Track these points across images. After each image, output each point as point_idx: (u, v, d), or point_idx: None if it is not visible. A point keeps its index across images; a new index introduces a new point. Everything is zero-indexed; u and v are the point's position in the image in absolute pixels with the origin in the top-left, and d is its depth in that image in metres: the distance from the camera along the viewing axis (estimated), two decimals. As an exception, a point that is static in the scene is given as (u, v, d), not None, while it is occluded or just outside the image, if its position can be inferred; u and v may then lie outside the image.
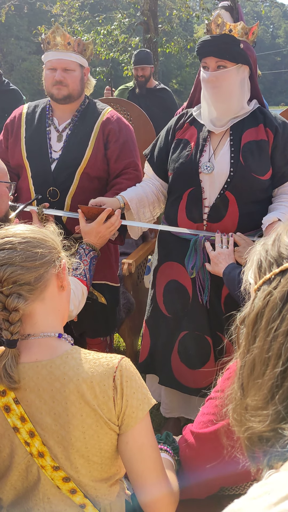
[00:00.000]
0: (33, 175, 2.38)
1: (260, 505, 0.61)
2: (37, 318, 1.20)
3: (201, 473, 1.25)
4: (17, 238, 1.18)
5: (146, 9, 9.15)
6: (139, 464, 1.16)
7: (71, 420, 1.12)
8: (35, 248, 1.18)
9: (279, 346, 0.71)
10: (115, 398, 1.14)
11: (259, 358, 0.74)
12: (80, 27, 10.80)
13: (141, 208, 2.27)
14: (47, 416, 1.13)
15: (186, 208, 2.20)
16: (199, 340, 2.26)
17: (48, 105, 2.44)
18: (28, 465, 1.16)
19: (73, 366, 1.15)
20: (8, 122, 2.51)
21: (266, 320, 0.74)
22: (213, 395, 1.27)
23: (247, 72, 2.12)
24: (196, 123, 2.24)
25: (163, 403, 2.55)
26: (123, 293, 2.96)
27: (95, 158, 2.34)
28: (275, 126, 2.14)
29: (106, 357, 1.19)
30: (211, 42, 2.06)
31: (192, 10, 10.89)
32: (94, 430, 1.13)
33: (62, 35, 2.25)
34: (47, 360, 1.16)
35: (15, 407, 1.14)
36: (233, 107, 2.12)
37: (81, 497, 1.16)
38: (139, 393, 1.16)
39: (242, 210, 2.13)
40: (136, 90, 5.27)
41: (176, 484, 1.23)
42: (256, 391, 0.74)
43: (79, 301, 1.88)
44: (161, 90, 5.25)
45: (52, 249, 1.22)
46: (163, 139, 2.34)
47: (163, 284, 2.35)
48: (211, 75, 2.07)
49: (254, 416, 0.73)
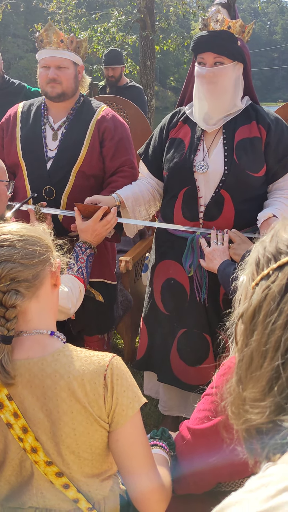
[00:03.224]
0: (29, 174, 2.38)
1: (257, 498, 0.61)
2: (31, 315, 1.21)
3: (198, 467, 1.25)
4: (14, 236, 1.19)
5: (142, 7, 9.13)
6: (130, 461, 1.16)
7: (61, 417, 1.13)
8: (33, 246, 1.19)
9: (277, 339, 0.71)
10: (105, 396, 1.14)
11: (256, 351, 0.74)
12: (76, 25, 10.77)
13: (137, 206, 2.27)
14: (39, 412, 1.14)
15: (182, 207, 2.21)
16: (198, 337, 2.26)
17: (43, 103, 2.44)
18: (21, 460, 1.17)
19: (64, 364, 1.15)
20: (3, 121, 2.50)
21: (264, 314, 0.74)
22: (208, 391, 1.28)
23: (241, 69, 2.12)
24: (189, 122, 2.23)
25: (161, 401, 2.56)
26: (120, 290, 2.97)
27: (91, 156, 2.34)
28: (268, 122, 2.14)
29: (98, 355, 1.20)
30: (209, 38, 2.04)
31: (189, 7, 10.85)
32: (84, 427, 1.14)
33: (55, 33, 2.25)
34: (38, 358, 1.16)
35: (8, 403, 1.14)
36: (225, 105, 2.12)
37: (74, 492, 1.17)
38: (130, 391, 1.17)
39: (238, 208, 2.13)
40: (106, 89, 5.30)
41: (169, 481, 1.23)
42: (254, 383, 0.74)
43: (77, 299, 1.88)
44: (130, 87, 5.27)
45: (47, 248, 1.24)
46: (157, 137, 2.34)
47: (160, 282, 2.35)
48: (208, 70, 2.06)
49: (252, 408, 0.73)
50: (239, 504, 0.63)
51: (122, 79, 5.30)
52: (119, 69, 5.22)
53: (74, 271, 1.97)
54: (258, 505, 0.60)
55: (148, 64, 9.41)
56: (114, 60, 5.19)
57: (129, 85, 5.30)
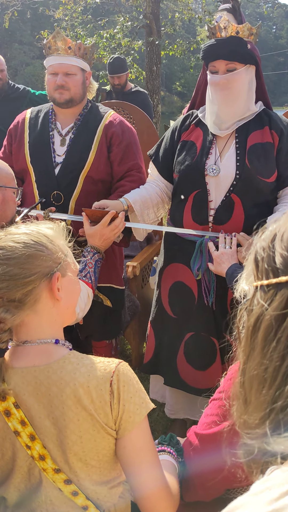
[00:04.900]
0: (37, 179, 2.39)
1: (261, 501, 0.62)
2: (31, 327, 1.18)
3: (206, 472, 1.25)
4: (7, 252, 1.14)
5: (148, 12, 9.18)
6: (137, 468, 1.15)
7: (68, 424, 1.12)
8: (25, 264, 1.14)
9: (275, 368, 0.70)
10: (111, 402, 1.13)
11: (256, 376, 0.74)
12: (82, 31, 10.85)
13: (145, 209, 2.27)
14: (46, 420, 1.14)
15: (191, 210, 2.20)
16: (205, 341, 2.26)
17: (51, 109, 2.45)
18: (30, 468, 1.17)
19: (70, 371, 1.14)
20: (11, 128, 2.52)
21: (262, 337, 0.73)
22: (216, 396, 1.27)
23: (254, 71, 2.12)
24: (201, 125, 2.24)
25: (167, 404, 2.55)
26: (128, 295, 2.97)
27: (99, 161, 2.35)
28: (280, 128, 2.14)
29: (104, 361, 1.18)
30: (218, 46, 2.04)
31: (194, 13, 10.90)
32: (91, 434, 1.13)
33: (63, 40, 2.27)
34: (44, 365, 1.15)
35: (15, 411, 1.14)
36: (239, 109, 2.12)
37: (83, 499, 1.16)
38: (137, 398, 1.16)
39: (248, 213, 2.13)
40: (112, 95, 5.37)
41: (176, 488, 1.22)
42: (254, 408, 0.74)
43: (85, 304, 1.88)
44: (135, 93, 5.32)
45: (48, 260, 1.18)
46: (169, 139, 2.34)
47: (168, 286, 2.35)
48: (222, 78, 2.06)
49: (248, 434, 0.73)
50: (243, 507, 0.63)
51: (127, 85, 5.35)
52: (124, 76, 5.28)
53: (83, 275, 1.97)
54: (262, 508, 0.61)
55: (154, 69, 9.46)
56: (119, 69, 5.25)
57: (134, 90, 5.35)
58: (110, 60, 5.42)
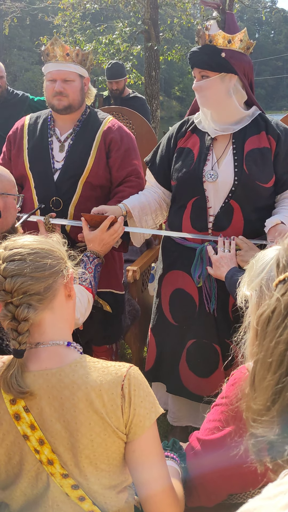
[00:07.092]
0: (36, 186, 2.39)
1: (275, 505, 0.60)
2: (46, 327, 1.21)
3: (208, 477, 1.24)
4: (25, 249, 1.19)
5: (147, 18, 9.20)
6: (145, 472, 1.16)
7: (79, 428, 1.13)
8: (44, 259, 1.19)
9: (281, 353, 0.71)
10: (123, 406, 1.14)
11: (262, 361, 0.74)
12: (81, 37, 10.89)
13: (143, 216, 2.27)
14: (57, 423, 1.14)
15: (190, 217, 2.20)
16: (207, 348, 2.25)
17: (49, 115, 2.46)
18: (38, 472, 1.17)
19: (82, 375, 1.16)
20: (10, 134, 2.53)
21: (273, 324, 0.74)
22: (218, 401, 1.27)
23: (235, 80, 2.10)
24: (197, 131, 2.24)
25: (170, 412, 2.54)
26: (128, 300, 2.96)
27: (97, 167, 2.36)
28: (277, 133, 2.14)
29: (115, 365, 1.20)
30: (194, 54, 2.11)
31: (192, 18, 10.94)
32: (102, 438, 1.14)
33: (61, 46, 2.27)
34: (56, 368, 1.17)
35: (25, 415, 1.15)
36: (224, 113, 2.14)
37: (90, 504, 1.16)
38: (147, 402, 1.17)
39: (247, 218, 2.13)
40: (110, 100, 5.39)
41: (182, 493, 1.22)
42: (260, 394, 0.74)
43: (85, 309, 1.89)
44: (133, 98, 5.34)
45: (59, 259, 1.24)
46: (165, 146, 2.34)
47: (168, 293, 2.34)
48: (195, 84, 2.14)
49: (255, 422, 0.73)
50: (257, 511, 0.62)
51: (125, 90, 5.36)
52: (122, 82, 5.30)
53: (83, 280, 1.97)
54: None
55: (153, 74, 9.47)
56: (117, 74, 5.26)
57: (132, 95, 5.37)
58: (108, 65, 5.45)
